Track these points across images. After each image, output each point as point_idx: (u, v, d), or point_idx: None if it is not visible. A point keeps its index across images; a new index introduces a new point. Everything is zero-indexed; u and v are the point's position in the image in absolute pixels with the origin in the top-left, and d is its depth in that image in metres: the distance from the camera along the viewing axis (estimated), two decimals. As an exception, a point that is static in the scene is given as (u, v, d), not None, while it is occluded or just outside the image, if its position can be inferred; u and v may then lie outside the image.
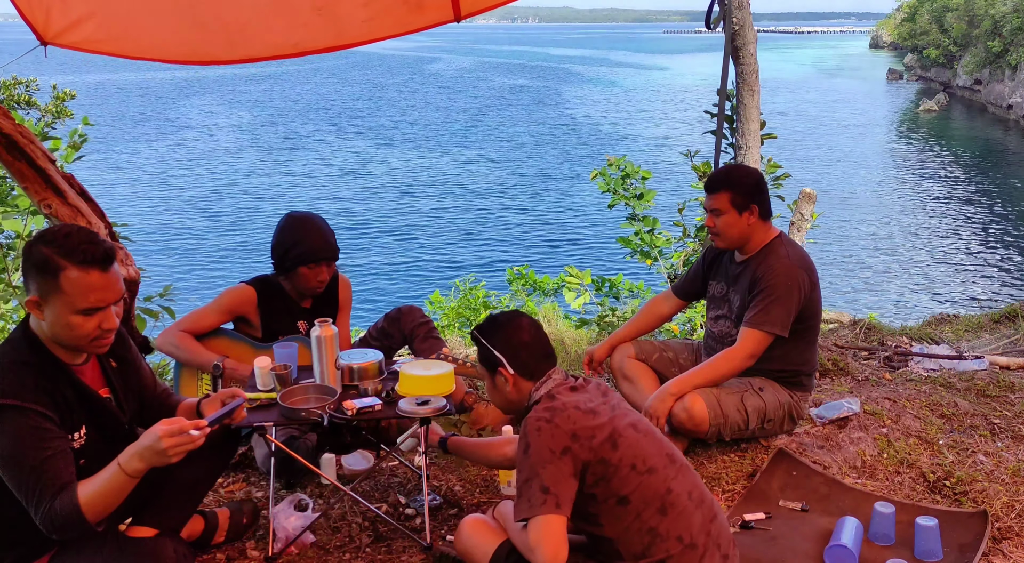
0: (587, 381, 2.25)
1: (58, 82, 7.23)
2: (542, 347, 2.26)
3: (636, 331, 3.57)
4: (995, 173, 26.20)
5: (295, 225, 3.24)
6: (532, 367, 2.23)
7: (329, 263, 3.25)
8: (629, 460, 2.07)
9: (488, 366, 2.28)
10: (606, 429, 2.08)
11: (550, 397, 2.16)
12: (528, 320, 2.29)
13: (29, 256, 1.97)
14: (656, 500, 2.07)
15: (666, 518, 2.07)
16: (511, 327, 2.26)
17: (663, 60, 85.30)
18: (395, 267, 16.33)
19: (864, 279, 15.55)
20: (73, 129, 5.42)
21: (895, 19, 69.63)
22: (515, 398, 2.27)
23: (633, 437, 2.11)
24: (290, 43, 3.61)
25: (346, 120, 37.81)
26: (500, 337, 2.25)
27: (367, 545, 2.72)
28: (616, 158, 6.82)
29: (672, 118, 37.86)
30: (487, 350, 2.26)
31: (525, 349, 2.23)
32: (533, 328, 2.28)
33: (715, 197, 3.16)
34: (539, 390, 2.21)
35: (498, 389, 2.29)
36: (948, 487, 3.05)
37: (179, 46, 3.62)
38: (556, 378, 2.23)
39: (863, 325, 5.24)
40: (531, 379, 2.24)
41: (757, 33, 4.94)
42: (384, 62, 79.55)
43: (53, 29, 3.32)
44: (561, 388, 2.19)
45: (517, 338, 2.24)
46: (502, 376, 2.24)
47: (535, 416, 2.09)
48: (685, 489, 2.12)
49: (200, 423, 2.00)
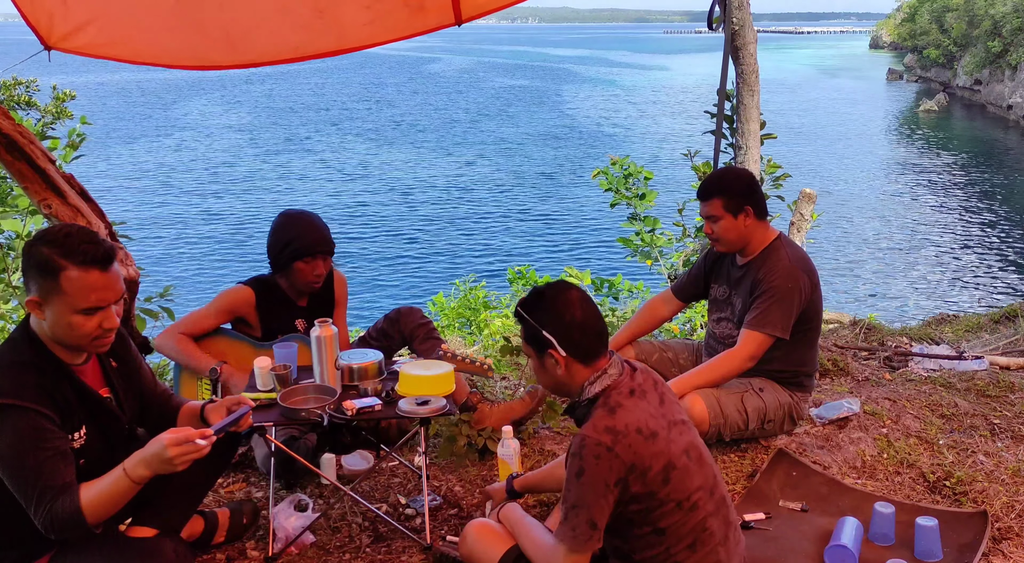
0: (643, 376, 2.09)
1: (58, 83, 7.24)
2: (595, 325, 2.05)
3: (635, 333, 3.57)
4: (995, 173, 26.21)
5: (289, 222, 3.25)
6: (586, 349, 2.04)
7: (325, 257, 3.24)
8: (676, 496, 1.98)
9: (536, 346, 2.07)
10: (662, 459, 1.96)
11: (609, 408, 1.98)
12: (578, 293, 2.06)
13: (29, 256, 1.97)
14: (690, 536, 2.01)
15: (695, 554, 2.02)
16: (561, 302, 2.03)
17: (663, 60, 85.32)
18: (395, 268, 16.34)
19: (864, 279, 15.56)
20: (72, 129, 5.42)
21: (895, 19, 69.69)
22: (567, 382, 2.08)
23: (684, 467, 2.00)
24: (291, 47, 3.61)
25: (346, 120, 37.82)
26: (549, 315, 2.03)
27: (367, 545, 2.72)
28: (619, 158, 6.82)
29: (672, 118, 37.86)
30: (534, 329, 2.05)
31: (578, 328, 2.02)
32: (585, 303, 2.05)
33: (708, 204, 3.16)
34: (594, 384, 2.04)
35: (547, 371, 2.09)
36: (948, 487, 3.05)
37: (181, 51, 3.62)
38: (612, 372, 2.05)
39: (863, 325, 5.24)
40: (585, 363, 2.05)
41: (757, 33, 4.94)
42: (384, 62, 79.55)
43: (56, 34, 3.32)
44: (622, 390, 2.02)
45: (569, 315, 2.02)
46: (552, 359, 2.04)
47: (594, 438, 1.92)
48: (719, 528, 2.06)
49: (206, 432, 2.00)
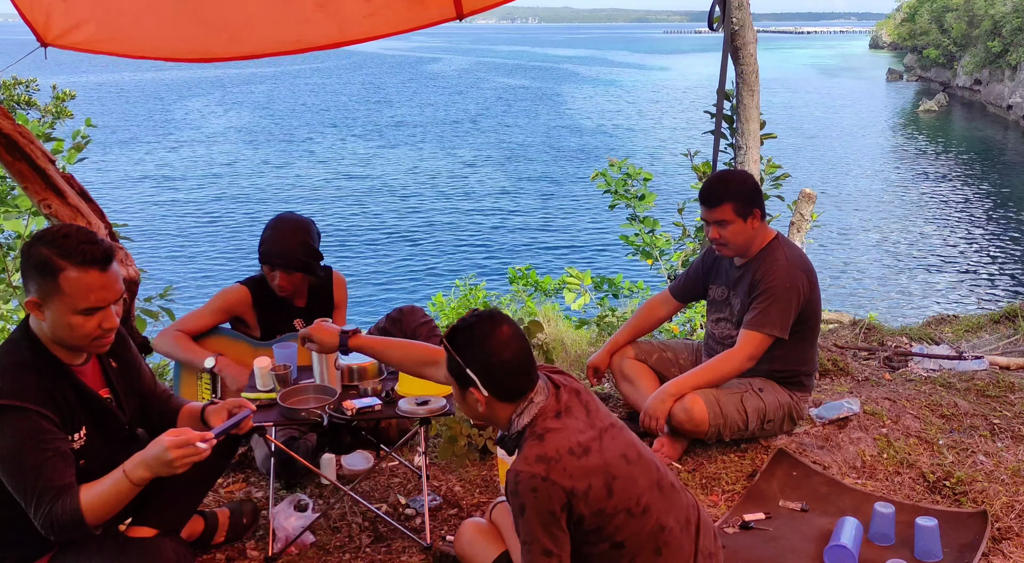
0: (566, 392, 2.04)
1: (58, 82, 7.24)
2: (523, 364, 1.97)
3: (634, 334, 3.57)
4: (995, 173, 26.21)
5: (270, 225, 3.26)
6: (510, 390, 1.98)
7: (284, 270, 3.20)
8: (624, 505, 1.95)
9: (458, 381, 2.01)
10: (600, 473, 1.92)
11: (537, 436, 1.93)
12: (509, 330, 1.97)
13: (28, 257, 1.97)
14: (651, 542, 1.99)
15: (660, 558, 2.00)
16: (491, 341, 1.95)
17: (663, 60, 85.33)
18: (396, 268, 16.33)
19: (864, 279, 15.56)
20: (76, 130, 5.42)
21: (895, 19, 69.63)
22: (487, 417, 2.03)
23: (626, 473, 1.97)
24: (292, 39, 3.61)
25: (346, 121, 37.82)
26: (476, 353, 1.96)
27: (367, 545, 2.73)
28: (618, 161, 6.83)
29: (672, 118, 37.86)
30: (459, 366, 1.99)
31: (504, 369, 1.95)
32: (515, 341, 1.97)
33: (718, 209, 3.10)
34: (521, 417, 1.99)
35: (468, 405, 2.04)
36: (948, 487, 3.05)
37: (182, 44, 3.62)
38: (539, 400, 1.99)
39: (863, 325, 5.24)
40: (509, 401, 1.99)
41: (757, 33, 4.94)
42: (384, 62, 79.58)
43: (54, 31, 3.32)
44: (548, 416, 1.97)
45: (497, 357, 1.94)
46: (473, 396, 2.00)
47: (527, 471, 1.87)
48: (676, 520, 2.04)
49: (207, 435, 2.00)
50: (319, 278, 3.39)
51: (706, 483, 3.11)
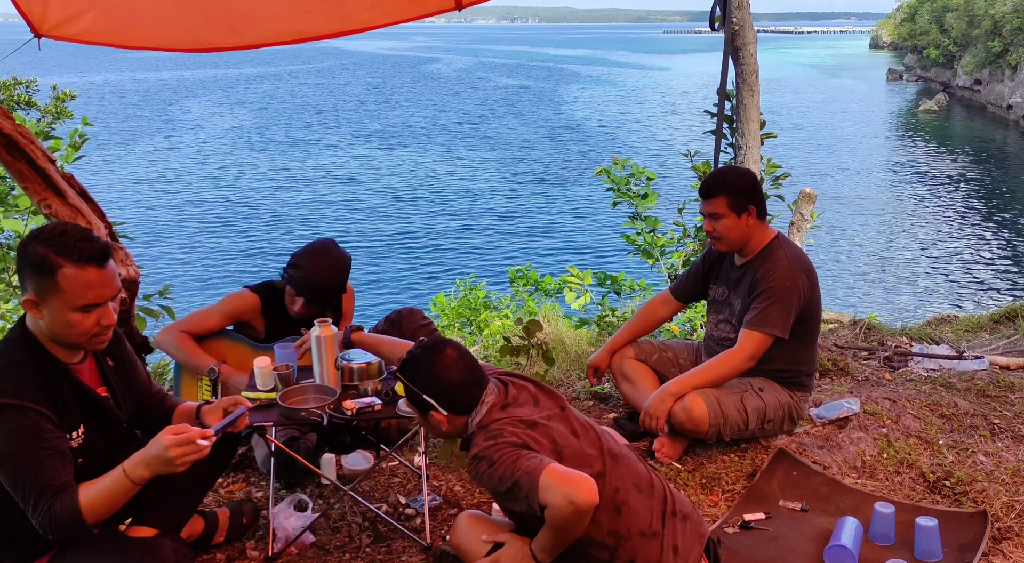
0: (515, 388, 2.21)
1: (57, 82, 7.24)
2: (471, 379, 2.16)
3: (634, 334, 3.57)
4: (995, 173, 26.21)
5: (310, 253, 3.21)
6: (464, 404, 2.16)
7: (307, 304, 3.21)
8: (576, 467, 2.02)
9: (419, 407, 2.20)
10: (547, 441, 2.07)
11: (483, 427, 2.11)
12: (453, 352, 2.17)
13: (25, 256, 1.96)
14: (608, 503, 2.06)
15: (621, 517, 2.08)
16: (437, 367, 2.14)
17: (663, 60, 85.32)
18: (396, 268, 16.33)
19: (864, 279, 15.56)
20: (73, 129, 5.42)
21: (895, 19, 69.65)
22: (451, 432, 2.21)
23: (574, 444, 2.11)
24: (294, 29, 3.61)
25: (346, 121, 37.80)
26: (427, 379, 2.15)
27: (367, 545, 2.72)
28: (622, 159, 6.83)
29: (672, 118, 37.86)
30: (415, 394, 2.17)
31: (455, 387, 2.14)
32: (461, 360, 2.16)
33: (712, 202, 3.15)
34: (474, 420, 2.16)
35: (433, 426, 2.22)
36: (948, 487, 3.05)
37: (182, 34, 3.60)
38: (489, 400, 2.17)
39: (863, 325, 5.24)
40: (466, 413, 2.17)
41: (757, 33, 4.93)
42: (384, 62, 79.59)
43: (50, 21, 3.28)
44: (494, 411, 2.14)
45: (446, 379, 2.14)
46: (435, 417, 2.18)
47: (481, 446, 2.05)
48: (632, 482, 2.14)
49: (207, 432, 2.00)
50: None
51: (706, 483, 3.11)
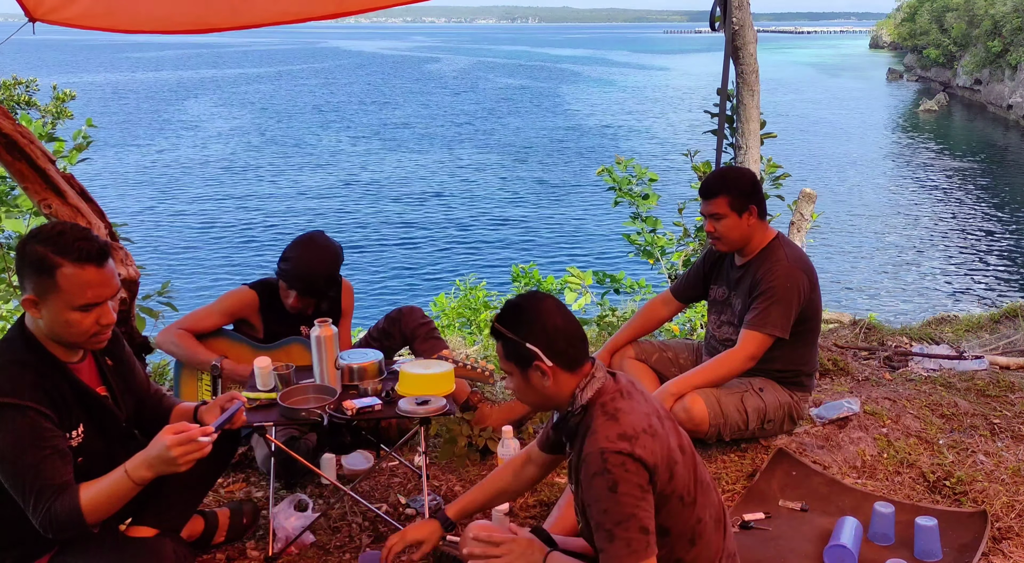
0: (623, 378, 2.05)
1: (57, 82, 7.24)
2: (577, 331, 1.97)
3: (634, 334, 3.57)
4: (995, 173, 26.22)
5: (300, 245, 3.23)
6: (571, 356, 1.95)
7: (302, 295, 3.22)
8: (679, 492, 1.93)
9: (519, 362, 1.96)
10: (665, 457, 1.90)
11: (609, 414, 1.91)
12: (554, 301, 1.99)
13: (24, 255, 1.96)
14: (688, 531, 1.98)
15: (694, 548, 1.99)
16: (540, 312, 1.94)
17: (663, 60, 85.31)
18: (397, 268, 16.33)
19: (864, 279, 15.55)
20: (77, 130, 5.42)
21: (895, 19, 69.65)
22: (555, 394, 1.98)
23: (681, 461, 1.96)
24: (292, 10, 3.58)
25: (346, 121, 37.81)
26: (530, 327, 1.94)
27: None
28: (625, 160, 6.84)
29: (672, 118, 37.86)
30: (517, 344, 1.95)
31: (561, 335, 1.94)
32: (561, 309, 1.98)
33: (713, 202, 3.14)
34: (584, 391, 1.96)
35: (534, 387, 1.98)
36: (948, 487, 3.05)
37: (180, 16, 3.54)
38: (600, 376, 1.98)
39: (863, 325, 5.24)
40: (571, 370, 1.96)
41: (757, 33, 4.93)
42: (384, 62, 79.59)
43: (45, 4, 3.26)
44: (614, 396, 1.96)
45: (551, 323, 1.93)
46: (539, 371, 1.94)
47: (613, 448, 1.84)
48: (710, 515, 2.03)
49: (207, 430, 2.00)
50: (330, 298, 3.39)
51: (706, 483, 3.11)
